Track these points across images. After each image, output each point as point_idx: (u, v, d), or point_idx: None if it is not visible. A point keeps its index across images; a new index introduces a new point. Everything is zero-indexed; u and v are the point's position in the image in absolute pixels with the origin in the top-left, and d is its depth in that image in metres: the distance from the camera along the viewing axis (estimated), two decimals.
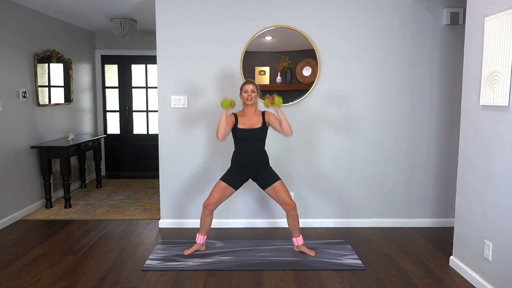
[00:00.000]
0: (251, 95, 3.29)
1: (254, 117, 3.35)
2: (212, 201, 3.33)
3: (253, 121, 3.33)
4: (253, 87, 3.31)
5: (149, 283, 2.91)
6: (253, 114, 3.36)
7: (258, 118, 3.35)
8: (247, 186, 3.91)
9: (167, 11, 3.92)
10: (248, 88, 3.30)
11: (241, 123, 3.33)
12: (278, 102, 3.23)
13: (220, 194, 3.34)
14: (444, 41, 3.97)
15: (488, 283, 2.75)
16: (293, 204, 3.33)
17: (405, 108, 4.04)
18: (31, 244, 3.65)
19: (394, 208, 4.15)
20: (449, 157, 4.08)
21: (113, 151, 6.85)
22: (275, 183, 3.32)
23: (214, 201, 3.33)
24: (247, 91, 3.30)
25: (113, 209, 4.74)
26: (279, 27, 3.93)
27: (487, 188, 2.76)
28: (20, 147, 4.46)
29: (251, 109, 3.35)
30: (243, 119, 3.34)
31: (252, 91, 3.30)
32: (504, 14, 2.52)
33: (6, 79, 4.23)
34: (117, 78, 6.73)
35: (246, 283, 2.92)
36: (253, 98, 3.30)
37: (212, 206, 3.35)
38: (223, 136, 3.27)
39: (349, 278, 3.00)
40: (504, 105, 2.54)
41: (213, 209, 3.37)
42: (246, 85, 3.32)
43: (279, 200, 3.35)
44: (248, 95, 3.29)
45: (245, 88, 3.31)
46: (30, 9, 4.68)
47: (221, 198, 3.35)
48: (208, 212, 3.36)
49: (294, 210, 3.33)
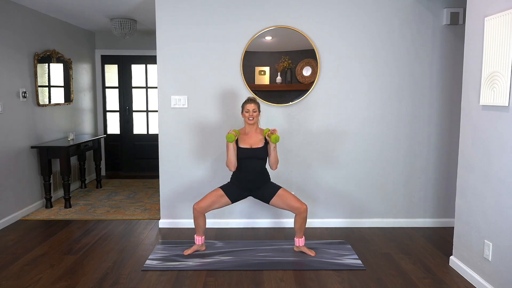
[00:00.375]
0: (253, 115, 3.29)
1: (255, 135, 3.34)
2: (202, 205, 3.31)
3: (254, 140, 3.32)
4: (254, 106, 3.30)
5: (149, 283, 2.91)
6: (255, 132, 3.35)
7: (260, 137, 3.33)
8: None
9: (167, 11, 3.92)
10: (250, 107, 3.29)
11: (243, 142, 3.31)
12: (274, 140, 3.18)
13: (213, 200, 3.31)
14: (444, 41, 3.97)
15: (488, 283, 2.75)
16: (305, 206, 3.30)
17: (405, 108, 4.04)
18: (31, 244, 3.65)
19: (394, 208, 4.15)
20: (449, 157, 4.08)
21: (113, 151, 6.85)
22: (278, 191, 3.31)
23: (203, 206, 3.31)
24: (248, 110, 3.30)
25: (113, 209, 4.74)
26: (279, 27, 3.93)
27: (487, 188, 2.76)
28: (20, 147, 4.47)
29: (252, 127, 3.34)
30: (245, 137, 3.33)
31: (254, 110, 3.29)
32: (504, 14, 2.52)
33: (6, 79, 4.23)
34: (117, 78, 6.73)
35: (246, 283, 2.92)
36: (254, 117, 3.30)
37: (200, 210, 3.31)
38: (235, 166, 3.30)
39: (349, 278, 3.00)
40: (504, 105, 2.54)
41: (202, 212, 3.33)
42: (247, 105, 3.31)
43: (289, 206, 3.31)
44: (250, 114, 3.29)
45: (247, 108, 3.30)
46: (30, 9, 4.68)
47: (212, 204, 3.32)
48: (198, 214, 3.33)
49: (306, 212, 3.31)
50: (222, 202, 3.33)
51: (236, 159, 3.28)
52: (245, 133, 3.36)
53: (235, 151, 3.27)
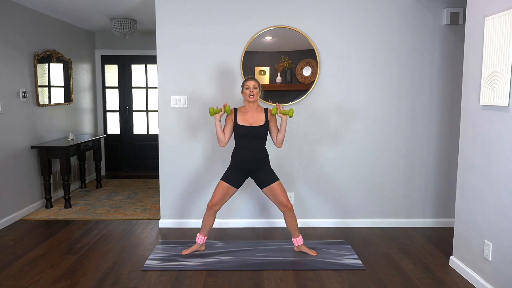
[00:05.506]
0: (253, 92, 3.27)
1: (256, 114, 3.32)
2: (216, 201, 3.31)
3: (255, 119, 3.30)
4: (255, 83, 3.29)
5: (149, 283, 2.91)
6: (255, 111, 3.33)
7: (261, 116, 3.32)
8: (247, 187, 3.92)
9: (167, 11, 3.92)
10: (250, 84, 3.27)
11: (242, 120, 3.30)
12: (292, 113, 3.21)
13: (223, 194, 3.32)
14: (444, 41, 3.97)
15: (488, 283, 2.75)
16: (290, 206, 3.32)
17: (405, 108, 4.04)
18: (31, 244, 3.65)
19: (394, 208, 4.15)
20: (449, 157, 4.08)
21: (113, 151, 6.85)
22: (273, 183, 3.31)
23: (218, 201, 3.32)
24: (249, 87, 3.27)
25: (113, 209, 4.74)
26: (279, 27, 3.93)
27: (487, 188, 2.76)
28: (20, 147, 4.46)
29: (253, 106, 3.32)
30: (245, 115, 3.32)
31: (254, 87, 3.28)
32: (504, 14, 2.52)
33: (6, 79, 4.23)
34: (117, 78, 6.73)
35: (246, 283, 2.92)
36: (255, 94, 3.28)
37: (216, 207, 3.33)
38: (223, 142, 3.31)
39: (349, 278, 3.00)
40: (504, 105, 2.54)
41: (218, 209, 3.35)
42: (247, 82, 3.29)
43: (276, 201, 3.33)
44: (250, 91, 3.27)
45: (247, 85, 3.28)
46: (30, 9, 4.68)
47: (224, 197, 3.33)
48: (212, 212, 3.34)
49: (291, 211, 3.32)
50: (231, 192, 3.35)
51: (223, 134, 3.30)
52: (245, 111, 3.34)
53: (221, 126, 3.30)
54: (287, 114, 3.23)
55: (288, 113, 3.22)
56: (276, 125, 3.38)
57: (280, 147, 3.41)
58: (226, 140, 3.33)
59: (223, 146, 3.36)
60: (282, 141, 3.35)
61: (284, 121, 3.27)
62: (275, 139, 3.36)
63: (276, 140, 3.36)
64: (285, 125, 3.28)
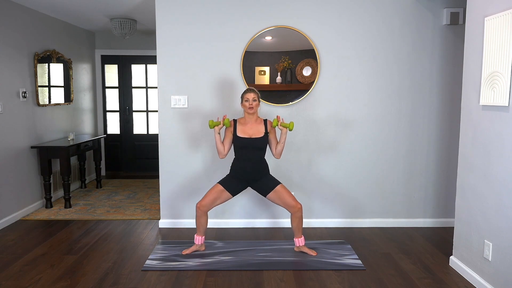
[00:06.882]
0: (253, 104, 3.27)
1: (255, 125, 3.33)
2: (205, 203, 3.31)
3: (254, 130, 3.31)
4: (254, 95, 3.29)
5: (149, 283, 2.91)
6: (255, 122, 3.34)
7: (260, 127, 3.33)
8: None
9: (167, 10, 3.92)
10: (250, 97, 3.28)
11: (241, 132, 3.31)
12: (292, 126, 3.24)
13: (215, 197, 3.31)
14: (444, 41, 3.97)
15: (488, 283, 2.75)
16: (299, 206, 3.31)
17: (405, 108, 4.04)
18: (31, 244, 3.66)
19: (394, 208, 4.15)
20: (449, 157, 4.08)
21: (113, 151, 6.85)
22: (276, 187, 3.31)
23: (206, 203, 3.31)
24: (248, 99, 3.28)
25: (113, 209, 4.74)
26: (279, 27, 3.93)
27: (487, 188, 2.76)
28: (20, 147, 4.46)
29: (252, 117, 3.33)
30: (244, 127, 3.32)
31: (254, 99, 3.28)
32: (504, 14, 2.52)
33: (6, 79, 4.23)
34: (117, 78, 6.73)
35: (246, 283, 2.92)
36: (254, 106, 3.28)
37: (204, 208, 3.31)
38: (223, 154, 3.34)
39: (349, 278, 3.00)
40: (504, 105, 2.54)
41: (205, 210, 3.33)
42: (247, 94, 3.30)
43: (284, 204, 3.32)
44: (250, 104, 3.27)
45: (246, 97, 3.29)
46: (30, 9, 4.68)
47: (214, 200, 3.32)
48: (201, 213, 3.33)
49: (300, 212, 3.32)
50: (224, 197, 3.33)
51: (223, 146, 3.31)
52: (244, 123, 3.35)
53: (221, 138, 3.32)
54: (287, 127, 3.26)
55: (288, 126, 3.25)
56: (276, 137, 3.39)
57: (279, 158, 3.42)
58: (226, 152, 3.34)
59: (223, 158, 3.38)
60: (281, 152, 3.37)
61: (284, 133, 3.29)
62: (274, 150, 3.38)
63: (275, 151, 3.37)
64: (284, 137, 3.30)
